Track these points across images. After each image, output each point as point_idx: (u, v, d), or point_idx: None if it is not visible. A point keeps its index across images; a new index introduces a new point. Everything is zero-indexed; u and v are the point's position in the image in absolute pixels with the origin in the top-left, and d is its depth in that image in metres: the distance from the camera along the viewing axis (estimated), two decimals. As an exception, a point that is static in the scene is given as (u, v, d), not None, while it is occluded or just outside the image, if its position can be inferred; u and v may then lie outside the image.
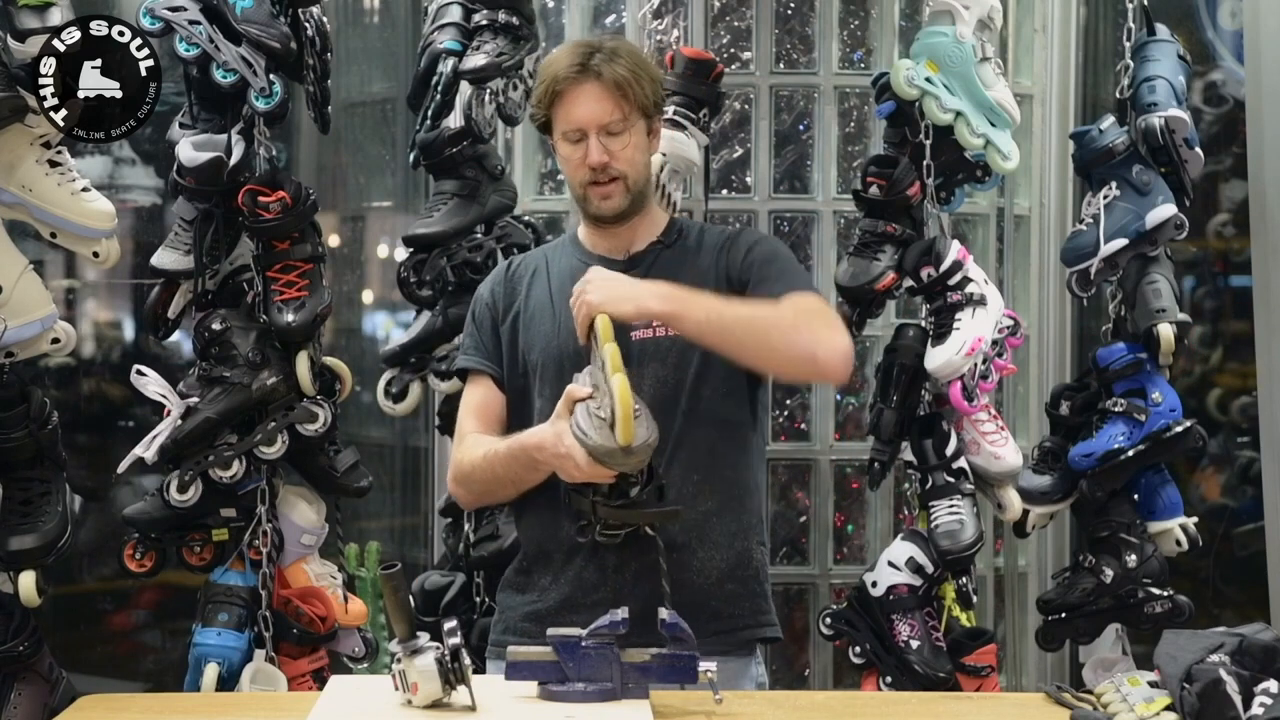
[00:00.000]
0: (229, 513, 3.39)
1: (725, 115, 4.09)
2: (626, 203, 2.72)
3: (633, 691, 2.33)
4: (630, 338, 2.68)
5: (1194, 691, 2.18)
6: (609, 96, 2.67)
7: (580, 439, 2.46)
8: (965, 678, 3.45)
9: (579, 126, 2.68)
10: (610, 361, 2.40)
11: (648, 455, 2.47)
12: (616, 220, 2.75)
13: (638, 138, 2.71)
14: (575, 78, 2.68)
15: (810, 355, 2.57)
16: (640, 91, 2.69)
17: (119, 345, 4.87)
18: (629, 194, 2.72)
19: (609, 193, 2.71)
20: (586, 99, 2.68)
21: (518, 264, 2.88)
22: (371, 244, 5.05)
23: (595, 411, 2.46)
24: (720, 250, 2.76)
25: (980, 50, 3.54)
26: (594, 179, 2.70)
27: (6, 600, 3.19)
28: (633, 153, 2.70)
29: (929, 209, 3.59)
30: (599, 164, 2.67)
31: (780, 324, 2.56)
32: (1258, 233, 3.87)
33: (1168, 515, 3.56)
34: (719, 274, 2.74)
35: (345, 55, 4.64)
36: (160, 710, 2.57)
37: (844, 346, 2.59)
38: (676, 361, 2.70)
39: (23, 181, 3.16)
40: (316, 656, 3.47)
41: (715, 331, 2.56)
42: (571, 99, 2.69)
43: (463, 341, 2.90)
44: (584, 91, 2.68)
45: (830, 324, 2.61)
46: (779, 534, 4.14)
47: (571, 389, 2.54)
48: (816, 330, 2.58)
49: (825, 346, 2.57)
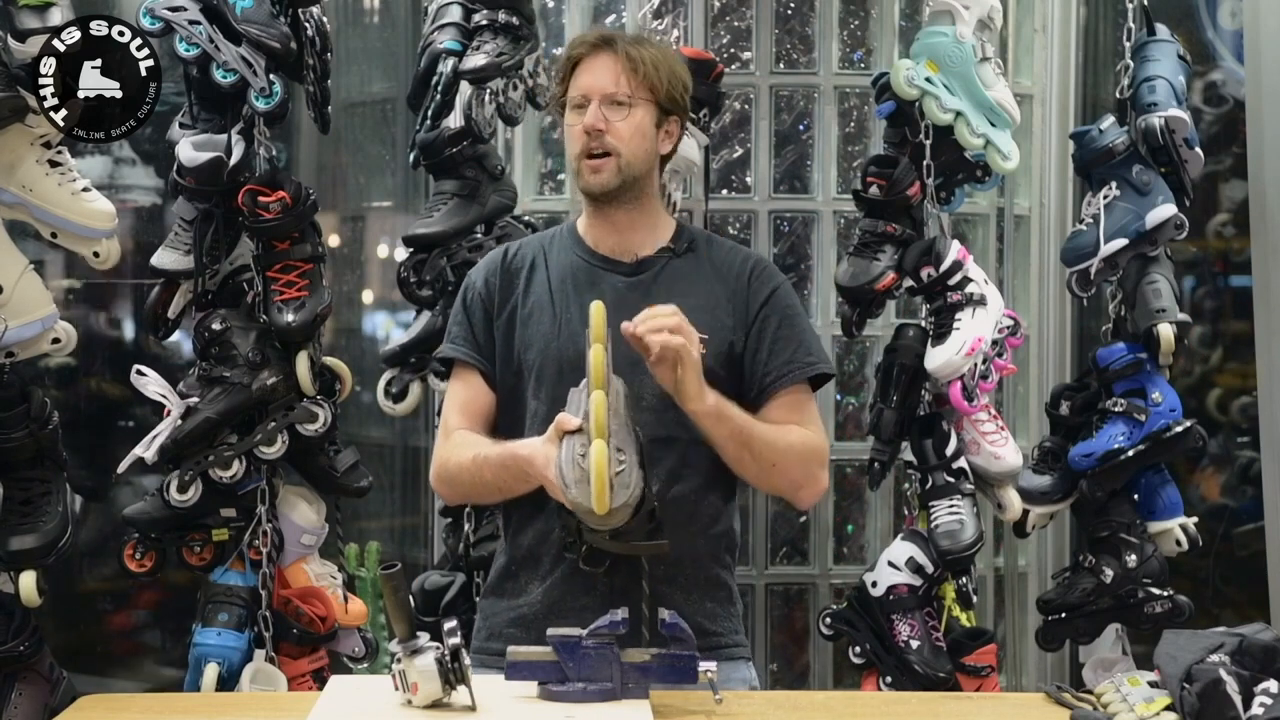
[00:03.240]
0: (229, 513, 3.40)
1: (725, 115, 4.10)
2: (616, 182, 2.67)
3: (633, 691, 2.32)
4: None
5: (1194, 691, 2.18)
6: (619, 68, 2.66)
7: (560, 486, 2.40)
8: (965, 678, 3.45)
9: (585, 91, 2.67)
10: (595, 419, 2.34)
11: (626, 515, 2.39)
12: (605, 199, 2.70)
13: (641, 121, 2.67)
14: (595, 46, 2.69)
15: (797, 487, 2.70)
16: (655, 75, 2.67)
17: (119, 345, 4.87)
18: (620, 174, 2.66)
19: (599, 166, 2.66)
20: (598, 67, 2.67)
21: (514, 253, 2.79)
22: (371, 244, 5.05)
23: (578, 458, 2.38)
24: (738, 278, 2.70)
25: (980, 50, 3.54)
26: (588, 149, 2.66)
27: (7, 600, 3.19)
28: (631, 132, 2.66)
29: (929, 209, 3.59)
30: (591, 126, 2.64)
31: (788, 457, 2.64)
32: (1258, 233, 3.87)
33: (1168, 515, 3.57)
34: (734, 303, 2.69)
35: (345, 55, 4.64)
36: (160, 710, 2.57)
37: (822, 489, 2.72)
38: None
39: (23, 181, 3.16)
40: (316, 656, 3.47)
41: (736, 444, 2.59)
42: (585, 67, 2.68)
43: (450, 329, 2.80)
44: (598, 60, 2.67)
45: (822, 464, 2.69)
46: (779, 534, 4.15)
47: (562, 419, 2.46)
48: (813, 472, 2.68)
49: (813, 487, 2.70)
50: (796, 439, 2.64)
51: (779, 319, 2.70)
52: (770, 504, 4.12)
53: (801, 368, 2.68)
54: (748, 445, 2.59)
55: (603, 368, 2.38)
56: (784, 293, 2.74)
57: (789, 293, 2.76)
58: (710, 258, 2.74)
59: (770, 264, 2.83)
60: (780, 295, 2.73)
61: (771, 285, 2.73)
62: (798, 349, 2.69)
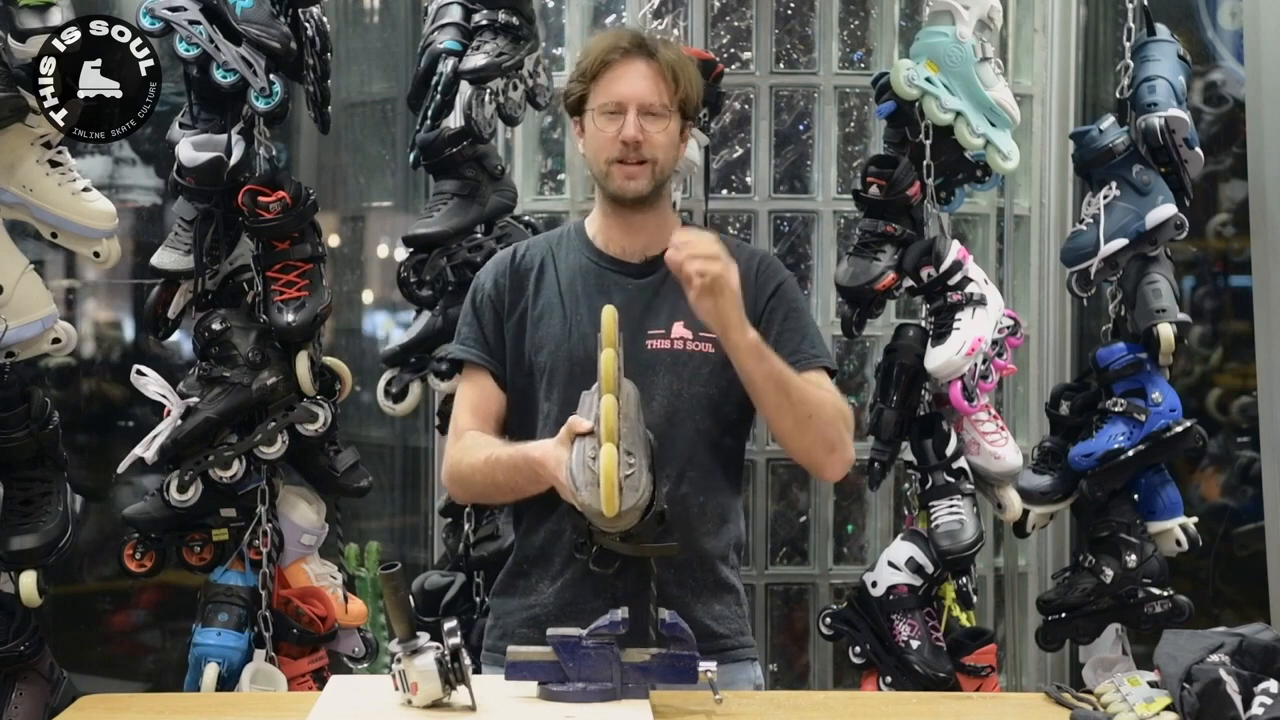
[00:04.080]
0: (229, 513, 3.39)
1: (725, 115, 4.09)
2: (650, 187, 2.68)
3: (633, 691, 2.33)
4: (646, 346, 2.66)
5: (1194, 691, 2.19)
6: (659, 77, 2.65)
7: (571, 489, 2.41)
8: (965, 678, 3.45)
9: (620, 99, 2.65)
10: (605, 423, 2.35)
11: (635, 518, 2.40)
12: (635, 204, 2.70)
13: (674, 130, 2.69)
14: (629, 51, 2.67)
15: (831, 448, 2.65)
16: (689, 86, 2.69)
17: (119, 345, 4.87)
18: (654, 180, 2.68)
19: (635, 174, 2.66)
20: (635, 75, 2.66)
21: (523, 254, 2.80)
22: (371, 244, 5.05)
23: (589, 461, 2.39)
24: (744, 273, 2.66)
25: (980, 50, 3.54)
26: (622, 156, 2.65)
27: (7, 600, 3.19)
28: (667, 141, 2.67)
29: (929, 209, 3.59)
30: (632, 139, 2.63)
31: (823, 410, 2.62)
32: (1258, 233, 3.87)
33: (1168, 515, 3.56)
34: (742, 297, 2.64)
35: (345, 55, 4.64)
36: (160, 710, 2.57)
37: (851, 458, 2.70)
38: (691, 376, 2.67)
39: (23, 181, 3.16)
40: (316, 656, 3.47)
41: (773, 386, 2.56)
42: (620, 72, 2.66)
43: (460, 330, 2.81)
44: (634, 68, 2.66)
45: (851, 429, 2.69)
46: (779, 534, 4.15)
47: (573, 422, 2.46)
48: (844, 434, 2.66)
49: (845, 451, 2.67)
50: (829, 396, 2.66)
51: (785, 311, 2.72)
52: (770, 504, 4.12)
53: (808, 358, 2.69)
54: (785, 390, 2.57)
55: (613, 372, 2.39)
56: (789, 286, 2.77)
57: (794, 287, 2.78)
58: None
59: (775, 260, 2.84)
60: (786, 289, 2.75)
61: (778, 279, 2.75)
62: (803, 340, 2.71)
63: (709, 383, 2.67)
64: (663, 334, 2.68)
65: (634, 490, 2.38)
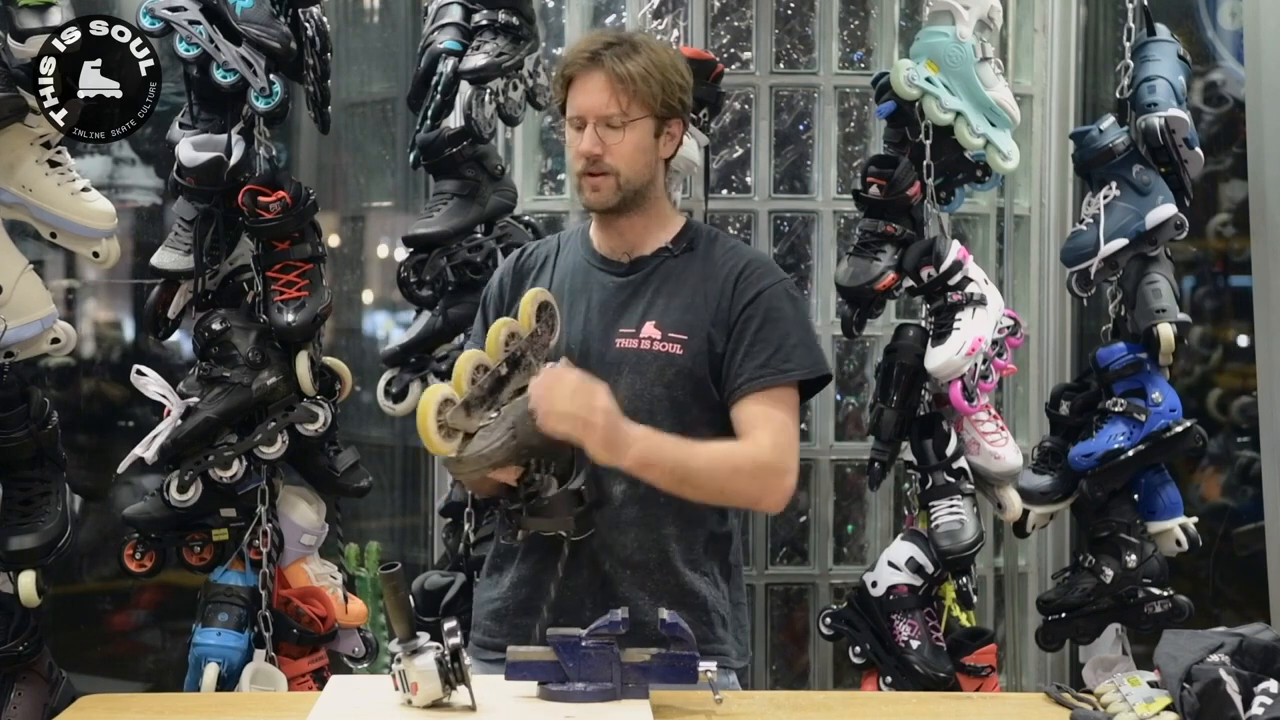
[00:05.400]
0: (229, 513, 3.40)
1: (725, 115, 4.09)
2: (615, 199, 2.68)
3: (633, 691, 2.33)
4: (614, 344, 2.67)
5: (1194, 691, 2.19)
6: (609, 89, 2.64)
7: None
8: (965, 678, 3.45)
9: (580, 113, 2.67)
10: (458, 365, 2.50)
11: (478, 466, 2.46)
12: (606, 214, 2.72)
13: (638, 136, 2.67)
14: (585, 64, 2.66)
15: (755, 501, 2.68)
16: (647, 90, 2.65)
17: (119, 345, 4.87)
18: (619, 191, 2.67)
19: (598, 185, 2.67)
20: (592, 87, 2.66)
21: (529, 253, 2.85)
22: (371, 244, 5.05)
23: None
24: (726, 279, 2.69)
25: (980, 50, 3.54)
26: (587, 169, 2.67)
27: (6, 600, 3.19)
28: (629, 150, 2.66)
29: (929, 209, 3.59)
30: (588, 153, 2.65)
31: (735, 479, 2.60)
32: (1258, 233, 3.87)
33: (1168, 515, 3.56)
34: (719, 304, 2.68)
35: (345, 55, 4.64)
36: (160, 710, 2.57)
37: (785, 496, 2.65)
38: (655, 376, 2.66)
39: (23, 181, 3.16)
40: (316, 656, 3.47)
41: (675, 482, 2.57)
42: (579, 84, 2.67)
43: (474, 329, 2.88)
44: (592, 79, 2.66)
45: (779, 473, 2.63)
46: (779, 534, 4.15)
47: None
48: (767, 483, 2.62)
49: (772, 497, 2.64)
50: (743, 458, 2.61)
51: (760, 321, 2.67)
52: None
53: (774, 373, 2.64)
54: (686, 481, 2.57)
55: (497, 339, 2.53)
56: (771, 294, 2.69)
57: (777, 295, 2.70)
58: (707, 257, 2.74)
59: (767, 265, 2.78)
60: (767, 297, 2.69)
61: (759, 287, 2.70)
62: (774, 353, 2.65)
63: (673, 384, 2.66)
64: (632, 333, 2.68)
65: (483, 440, 2.46)
